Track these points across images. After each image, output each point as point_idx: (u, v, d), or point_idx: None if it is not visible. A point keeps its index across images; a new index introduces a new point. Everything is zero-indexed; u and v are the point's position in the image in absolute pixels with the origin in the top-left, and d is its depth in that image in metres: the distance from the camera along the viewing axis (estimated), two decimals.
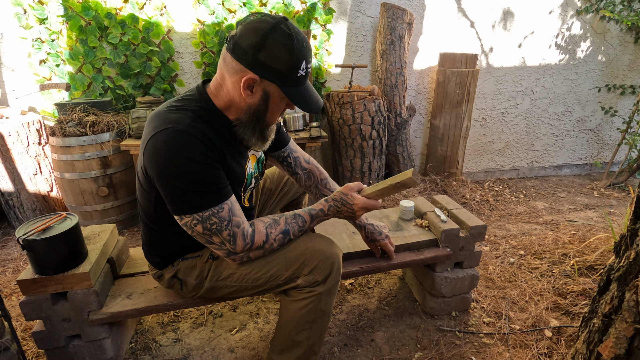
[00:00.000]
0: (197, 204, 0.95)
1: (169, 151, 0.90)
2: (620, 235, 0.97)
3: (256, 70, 0.89)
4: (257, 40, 0.86)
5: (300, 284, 1.10)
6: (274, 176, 1.57)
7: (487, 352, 1.44)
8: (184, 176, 0.92)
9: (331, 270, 1.10)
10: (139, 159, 1.03)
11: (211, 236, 1.00)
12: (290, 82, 0.92)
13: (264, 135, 1.05)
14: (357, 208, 1.14)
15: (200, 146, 0.92)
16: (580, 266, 1.92)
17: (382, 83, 2.85)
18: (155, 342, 1.51)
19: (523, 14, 3.01)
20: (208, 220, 0.96)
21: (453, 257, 1.55)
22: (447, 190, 2.98)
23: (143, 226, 1.18)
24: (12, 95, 2.54)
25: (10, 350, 1.11)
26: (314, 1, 2.65)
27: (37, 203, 2.44)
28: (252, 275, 1.12)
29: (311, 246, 1.10)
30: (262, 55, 0.87)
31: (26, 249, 1.12)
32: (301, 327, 1.13)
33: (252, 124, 1.00)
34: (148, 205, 1.08)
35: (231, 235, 1.00)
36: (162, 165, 0.92)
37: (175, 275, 1.19)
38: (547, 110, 3.39)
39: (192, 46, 2.63)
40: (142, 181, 1.05)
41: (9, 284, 1.89)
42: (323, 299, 1.11)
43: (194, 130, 0.93)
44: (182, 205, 0.96)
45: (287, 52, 0.87)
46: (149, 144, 0.93)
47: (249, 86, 0.92)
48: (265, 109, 0.97)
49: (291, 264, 1.10)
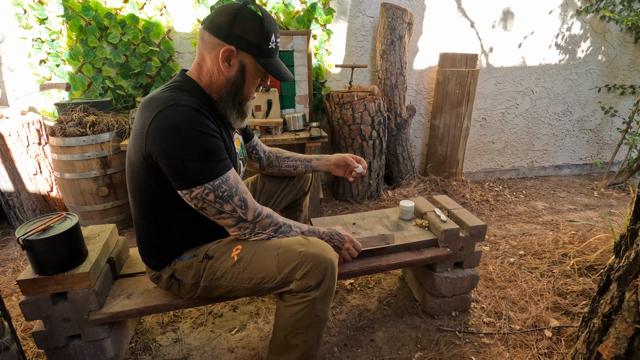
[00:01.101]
0: (207, 173, 0.98)
1: (177, 125, 0.94)
2: (620, 235, 0.97)
3: (232, 41, 0.99)
4: (230, 16, 0.98)
5: (293, 289, 1.08)
6: (273, 178, 1.58)
7: (487, 352, 1.44)
8: (194, 148, 0.95)
9: (324, 276, 1.07)
10: (136, 149, 1.01)
11: (222, 204, 1.02)
12: (264, 53, 1.02)
13: (242, 111, 1.12)
14: (348, 239, 1.30)
15: (203, 118, 0.98)
16: (580, 266, 1.92)
17: (382, 83, 2.85)
18: (155, 342, 1.51)
19: (523, 14, 3.01)
20: (219, 188, 1.00)
21: (453, 257, 1.55)
22: (447, 190, 2.98)
23: (138, 228, 1.18)
24: (12, 95, 2.54)
25: (10, 350, 1.11)
26: (314, 1, 2.65)
27: (37, 203, 2.44)
28: (245, 276, 1.12)
29: (304, 250, 1.08)
30: (236, 28, 0.98)
31: (26, 249, 1.12)
32: (297, 332, 1.12)
33: (231, 97, 1.07)
34: (145, 198, 1.08)
35: (242, 200, 1.04)
36: (172, 140, 0.94)
37: (173, 275, 1.19)
38: (547, 110, 3.40)
39: (192, 46, 2.63)
40: (140, 170, 1.04)
41: (9, 284, 1.90)
42: (317, 304, 1.09)
43: (194, 105, 0.98)
44: (193, 177, 0.98)
45: (258, 25, 0.98)
46: (154, 125, 0.95)
47: (226, 58, 1.01)
48: (242, 81, 1.06)
49: (283, 267, 1.08)
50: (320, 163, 1.53)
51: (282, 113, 2.71)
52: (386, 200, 2.84)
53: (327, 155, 1.55)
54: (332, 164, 1.53)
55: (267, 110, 2.57)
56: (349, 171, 1.54)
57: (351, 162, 1.49)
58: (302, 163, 1.53)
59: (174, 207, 1.10)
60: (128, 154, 1.08)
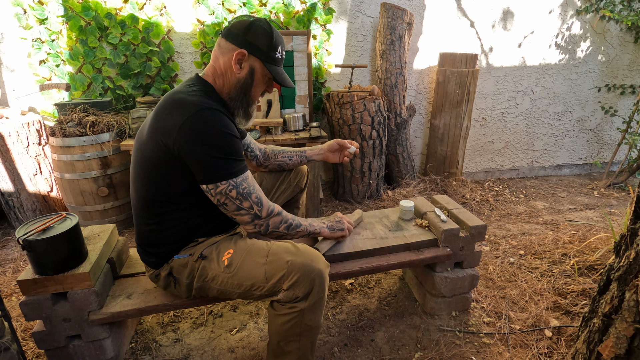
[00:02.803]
0: (232, 170, 1.08)
1: (209, 127, 1.04)
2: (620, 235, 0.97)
3: (244, 47, 1.12)
4: (245, 27, 1.12)
5: (281, 299, 1.09)
6: (270, 174, 1.58)
7: (487, 352, 1.44)
8: (223, 147, 1.06)
9: (312, 287, 1.07)
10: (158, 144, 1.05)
11: (242, 201, 1.10)
12: (271, 60, 1.15)
13: (248, 112, 1.22)
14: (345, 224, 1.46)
15: (229, 122, 1.10)
16: (580, 266, 1.92)
17: (382, 83, 2.85)
18: (156, 342, 1.51)
19: (523, 14, 3.01)
20: (240, 185, 1.09)
21: (453, 257, 1.55)
22: (447, 190, 2.98)
23: (139, 225, 1.19)
24: (12, 96, 2.54)
25: (11, 350, 1.11)
26: (314, 1, 2.65)
27: (37, 203, 2.44)
28: (235, 281, 1.13)
29: (292, 260, 1.08)
30: (249, 36, 1.11)
31: (26, 249, 1.12)
32: (289, 339, 1.12)
33: (240, 97, 1.17)
34: (157, 189, 1.11)
35: (258, 198, 1.13)
36: (205, 140, 1.03)
37: (171, 272, 1.20)
38: (547, 110, 3.39)
39: (192, 46, 2.63)
40: (158, 164, 1.08)
41: (9, 285, 1.90)
42: (307, 315, 1.08)
43: (221, 109, 1.10)
44: (220, 173, 1.06)
45: (267, 35, 1.13)
46: (189, 124, 1.02)
47: (239, 60, 1.12)
48: (250, 83, 1.17)
49: (271, 277, 1.09)
50: (314, 152, 1.60)
51: (282, 113, 2.71)
52: (386, 200, 2.84)
53: (320, 144, 1.63)
54: (326, 151, 1.60)
55: (267, 110, 2.57)
56: (342, 155, 1.62)
57: (343, 142, 1.58)
58: (297, 154, 1.60)
59: (180, 201, 1.14)
60: (140, 148, 1.11)
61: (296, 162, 1.60)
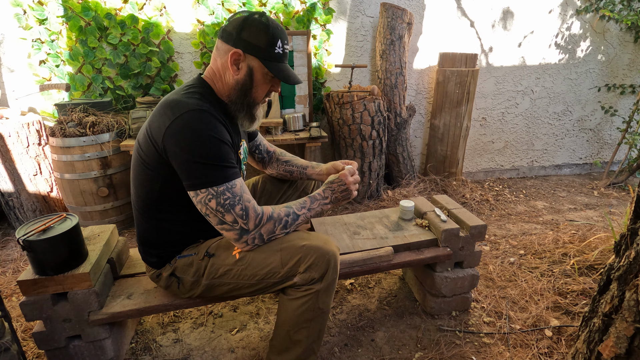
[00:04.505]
0: (212, 177, 1.01)
1: (194, 129, 0.99)
2: (620, 234, 0.97)
3: (240, 46, 1.05)
4: (239, 24, 1.05)
5: (297, 282, 1.10)
6: (275, 179, 1.58)
7: (487, 352, 1.44)
8: (205, 151, 1.00)
9: (328, 267, 1.10)
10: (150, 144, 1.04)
11: (224, 214, 1.03)
12: (270, 57, 1.07)
13: (252, 114, 1.16)
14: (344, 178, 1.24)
15: (219, 125, 1.04)
16: (580, 266, 1.92)
17: (382, 83, 2.85)
18: (156, 342, 1.51)
19: (523, 14, 3.01)
20: (222, 195, 1.02)
21: (453, 257, 1.55)
22: (447, 190, 2.98)
23: (139, 224, 1.19)
24: (12, 96, 2.54)
25: (11, 351, 1.11)
26: (314, 1, 2.65)
27: (37, 204, 2.44)
28: (249, 272, 1.12)
29: (307, 244, 1.11)
30: (244, 34, 1.05)
31: (26, 250, 1.12)
32: (300, 326, 1.13)
33: (240, 99, 1.11)
34: (152, 190, 1.10)
35: (243, 210, 1.05)
36: (187, 142, 0.99)
37: (173, 273, 1.20)
38: (547, 110, 3.40)
39: (192, 46, 2.63)
40: (151, 164, 1.07)
41: (9, 285, 1.89)
42: (321, 296, 1.11)
43: (213, 112, 1.04)
44: (200, 179, 1.01)
45: (263, 30, 1.05)
46: (174, 125, 0.99)
47: (235, 61, 1.07)
48: (250, 84, 1.10)
49: (287, 261, 1.10)
50: (314, 172, 1.52)
51: (282, 113, 2.71)
52: (386, 200, 2.84)
53: (323, 165, 1.53)
54: (325, 175, 1.50)
55: (267, 110, 2.55)
56: None
57: (339, 165, 1.46)
58: (298, 169, 1.54)
59: (177, 203, 1.13)
60: (137, 148, 1.11)
61: (296, 178, 1.57)
